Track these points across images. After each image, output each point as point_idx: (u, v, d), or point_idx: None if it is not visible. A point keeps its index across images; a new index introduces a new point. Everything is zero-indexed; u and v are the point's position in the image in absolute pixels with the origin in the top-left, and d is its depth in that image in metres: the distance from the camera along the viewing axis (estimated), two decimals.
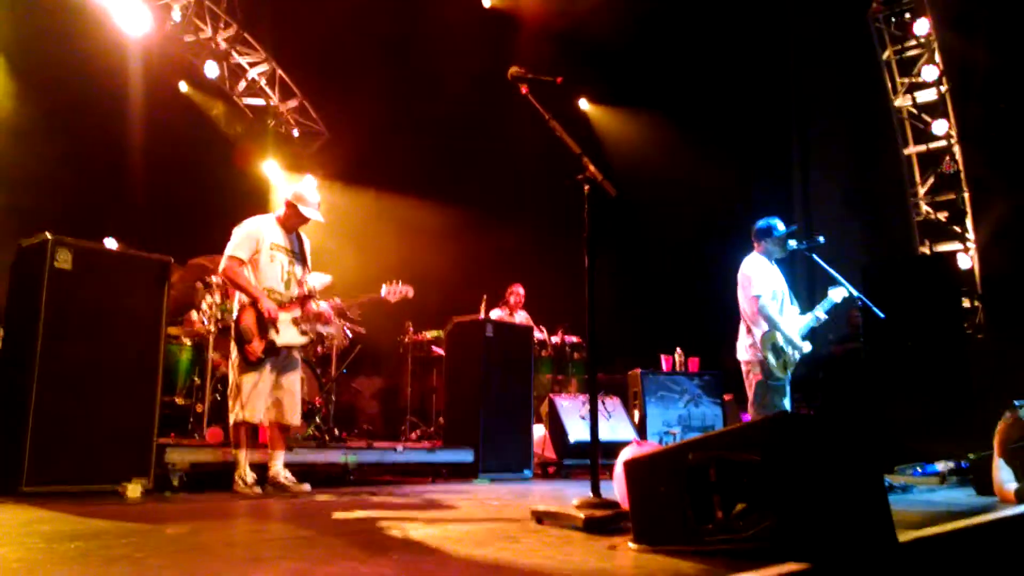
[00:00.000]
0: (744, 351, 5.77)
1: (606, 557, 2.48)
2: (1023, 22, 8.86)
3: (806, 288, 8.34)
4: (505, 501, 4.63)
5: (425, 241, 10.76)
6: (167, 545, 2.76)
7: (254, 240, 5.08)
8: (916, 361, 7.45)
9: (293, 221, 5.26)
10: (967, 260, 9.87)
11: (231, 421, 4.96)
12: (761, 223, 5.87)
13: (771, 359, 5.55)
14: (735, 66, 10.55)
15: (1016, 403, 4.59)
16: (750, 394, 5.72)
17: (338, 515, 3.83)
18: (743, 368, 5.79)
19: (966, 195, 9.93)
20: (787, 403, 5.69)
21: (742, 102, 10.58)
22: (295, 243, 5.31)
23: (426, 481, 6.45)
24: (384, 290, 5.40)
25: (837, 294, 5.81)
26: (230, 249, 5.05)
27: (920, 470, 6.44)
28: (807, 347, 5.72)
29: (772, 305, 5.63)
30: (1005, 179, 9.27)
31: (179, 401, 6.24)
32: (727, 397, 8.60)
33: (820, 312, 5.79)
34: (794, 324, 5.73)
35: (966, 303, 9.57)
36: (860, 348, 8.32)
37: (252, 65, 11.00)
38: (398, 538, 3.03)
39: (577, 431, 7.49)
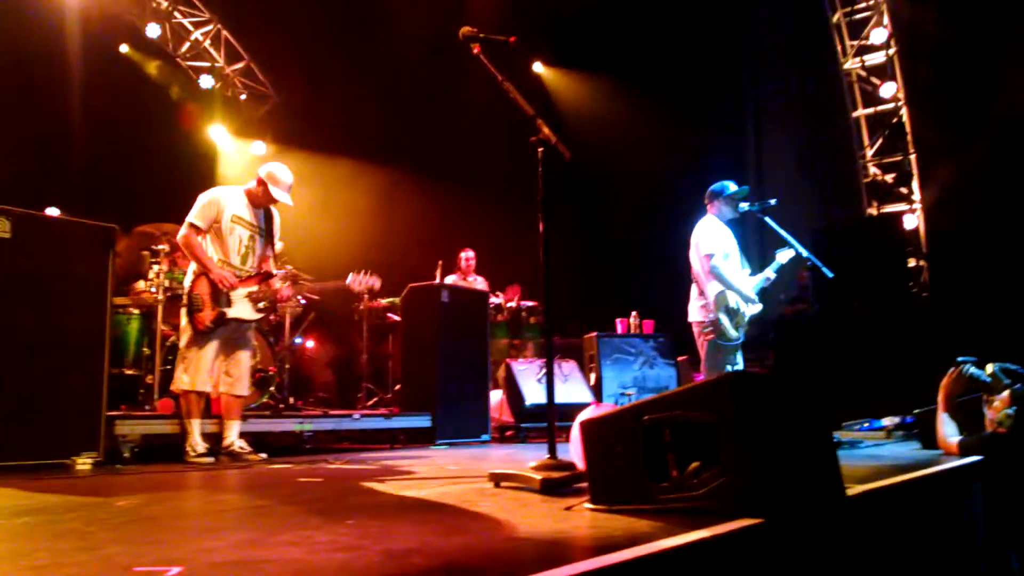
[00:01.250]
0: (696, 312, 5.83)
1: (563, 518, 2.49)
2: None
3: (757, 250, 8.45)
4: (463, 466, 4.64)
5: (378, 207, 10.64)
6: (117, 518, 2.71)
7: (214, 209, 4.99)
8: (863, 320, 7.62)
9: (262, 199, 5.18)
10: (913, 220, 10.08)
11: (173, 387, 4.95)
12: (715, 185, 5.93)
13: (724, 319, 5.62)
14: (687, 29, 10.54)
15: (959, 359, 4.71)
16: (702, 355, 5.80)
17: (294, 484, 3.80)
18: (695, 329, 5.86)
19: (912, 157, 10.11)
20: (740, 362, 5.78)
21: (695, 65, 10.59)
22: (261, 218, 5.23)
23: (384, 448, 6.45)
24: (350, 278, 5.32)
25: (784, 255, 5.91)
26: (189, 217, 4.98)
27: (867, 426, 6.61)
28: (758, 307, 5.81)
29: (724, 265, 5.69)
30: (951, 141, 9.44)
31: (128, 372, 6.12)
32: (681, 359, 8.72)
33: (770, 272, 5.89)
34: (746, 285, 5.81)
35: (912, 263, 9.79)
36: (810, 308, 8.49)
37: (196, 26, 10.67)
38: (354, 505, 3.02)
39: (534, 395, 7.53)
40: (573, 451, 3.36)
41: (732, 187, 5.88)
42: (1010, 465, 4.06)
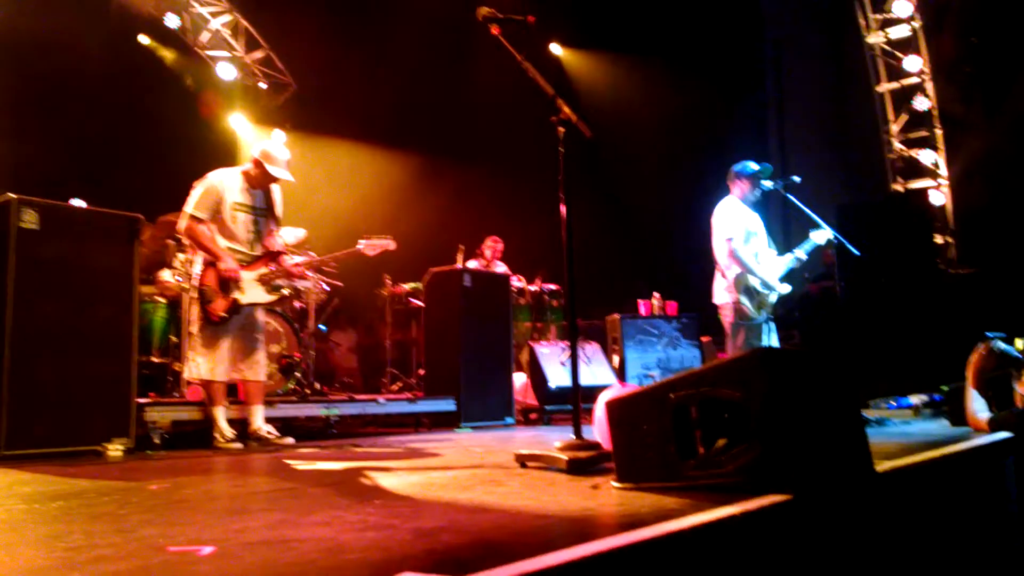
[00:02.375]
0: (719, 294, 5.81)
1: (590, 496, 2.50)
2: None
3: (781, 229, 8.38)
4: (488, 447, 4.66)
5: (399, 192, 10.65)
6: (150, 500, 2.75)
7: (213, 198, 4.94)
8: (890, 297, 7.54)
9: (261, 180, 5.13)
10: (940, 196, 9.94)
11: (185, 375, 5.01)
12: (736, 165, 5.88)
13: (745, 300, 5.59)
14: (708, 5, 10.42)
15: (988, 335, 4.66)
16: (728, 334, 5.78)
17: (321, 466, 3.83)
18: (720, 311, 5.84)
19: (938, 132, 9.96)
20: (773, 340, 5.73)
21: (716, 42, 10.48)
22: (261, 199, 5.17)
23: (409, 432, 6.48)
24: (362, 244, 5.29)
25: (820, 236, 5.81)
26: (189, 207, 4.92)
27: (895, 403, 6.56)
28: (785, 288, 5.76)
29: (744, 248, 5.65)
30: (977, 114, 9.29)
31: (156, 360, 6.18)
32: (705, 339, 8.68)
33: (801, 253, 5.82)
34: (771, 266, 5.76)
35: (939, 239, 9.67)
36: (836, 286, 8.40)
37: (214, 15, 10.70)
38: (382, 486, 3.04)
39: (557, 377, 7.53)
40: (597, 431, 3.36)
41: (753, 166, 5.82)
42: None
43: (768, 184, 5.80)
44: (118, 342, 4.61)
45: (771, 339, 5.75)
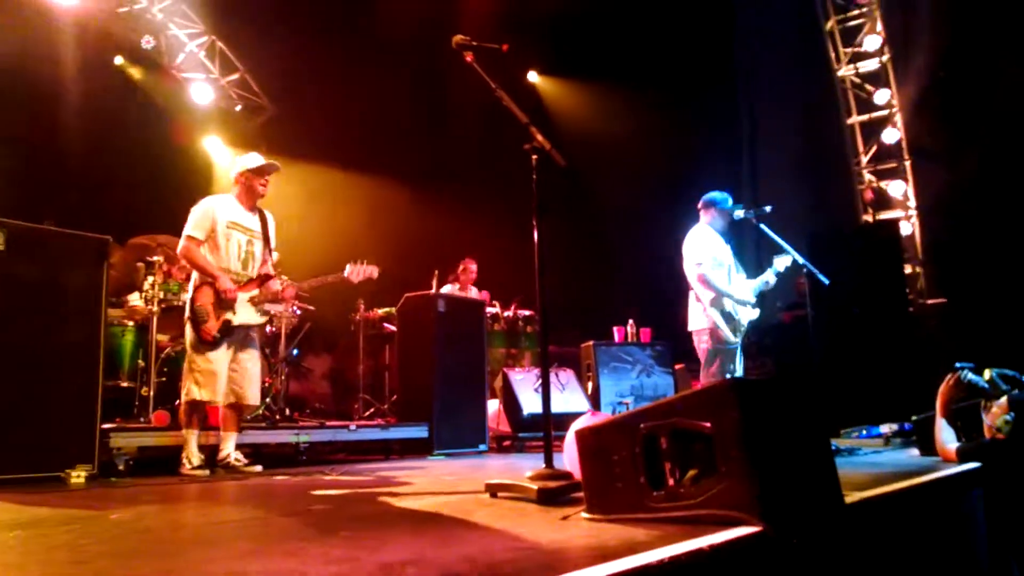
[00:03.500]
0: (694, 320, 5.84)
1: (560, 528, 2.47)
2: None
3: (754, 256, 8.43)
4: (460, 476, 4.62)
5: (375, 216, 10.62)
6: (111, 530, 2.68)
7: (209, 219, 4.99)
8: (861, 327, 7.61)
9: (249, 195, 5.17)
10: (908, 227, 10.08)
11: (182, 399, 4.86)
12: (710, 195, 5.95)
13: (722, 325, 5.64)
14: (682, 36, 10.56)
15: (957, 365, 4.70)
16: (702, 361, 5.80)
17: (289, 496, 3.77)
18: (694, 338, 5.86)
19: (907, 163, 10.12)
20: (739, 368, 5.78)
21: (690, 72, 10.61)
22: (255, 222, 5.21)
23: (380, 459, 6.41)
24: (348, 270, 5.25)
25: (781, 262, 5.90)
26: (187, 229, 4.98)
27: (865, 432, 6.60)
28: (755, 313, 5.81)
29: (715, 272, 5.70)
30: (945, 147, 9.46)
31: (123, 384, 6.09)
32: (678, 366, 8.70)
33: (770, 276, 5.88)
34: (742, 289, 5.82)
35: (908, 269, 9.79)
36: (807, 314, 8.47)
37: (191, 37, 10.66)
38: (350, 516, 2.99)
39: (531, 404, 7.50)
40: (567, 460, 3.33)
41: (724, 195, 5.91)
42: (1010, 471, 4.04)
43: (740, 213, 5.87)
44: (85, 366, 4.53)
45: (739, 365, 5.80)
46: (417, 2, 9.97)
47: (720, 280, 5.70)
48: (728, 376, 5.58)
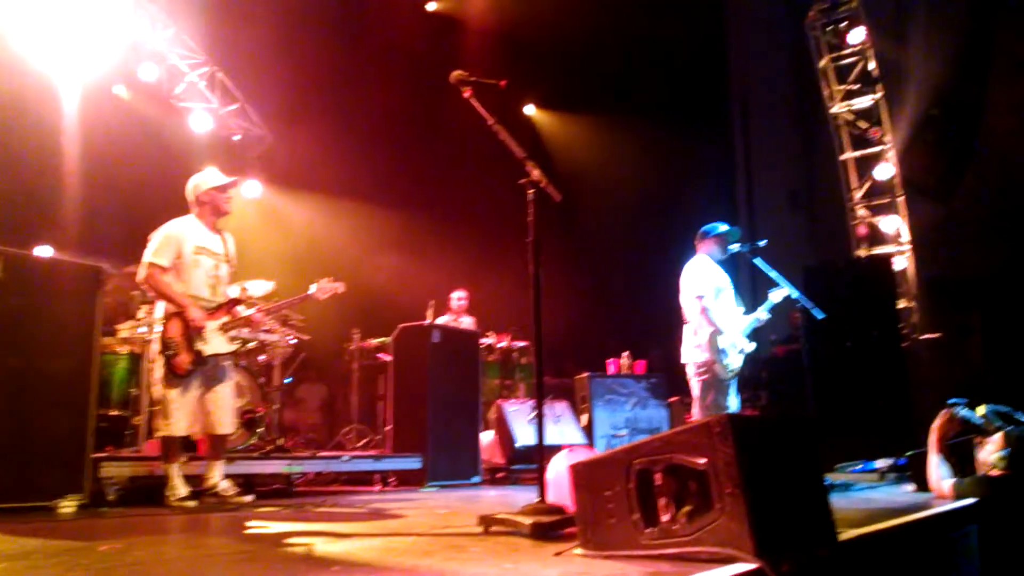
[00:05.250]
0: (689, 353, 5.82)
1: (552, 564, 2.46)
2: (954, 30, 9.15)
3: (749, 289, 8.47)
4: (453, 509, 4.58)
5: (371, 247, 10.65)
6: (99, 563, 2.66)
7: (174, 244, 4.80)
8: (855, 361, 7.62)
9: (214, 214, 5.01)
10: (903, 262, 10.14)
11: (157, 435, 4.77)
12: (705, 226, 5.98)
13: (718, 359, 5.62)
14: (680, 73, 10.69)
15: (951, 401, 4.71)
16: (696, 395, 5.78)
17: (280, 527, 3.74)
18: (689, 370, 5.85)
19: (900, 199, 10.21)
20: (733, 402, 5.76)
21: (687, 108, 10.73)
22: (219, 243, 5.04)
23: (373, 490, 6.37)
24: (313, 288, 5.21)
25: (777, 295, 5.93)
26: (148, 255, 4.77)
27: (860, 468, 6.57)
28: (751, 346, 5.82)
29: (715, 305, 5.70)
30: (938, 183, 9.55)
31: (115, 413, 6.04)
32: (673, 399, 8.68)
33: (762, 313, 5.90)
34: (739, 324, 5.82)
35: (902, 304, 9.83)
36: (801, 348, 8.48)
37: (191, 67, 10.75)
38: (342, 550, 2.97)
39: (525, 436, 7.47)
40: (553, 494, 3.30)
41: (722, 227, 5.93)
42: (1005, 507, 4.03)
43: (735, 247, 5.90)
44: (77, 395, 4.51)
45: (734, 399, 5.79)
46: (416, 36, 10.11)
47: (719, 315, 5.70)
48: (722, 410, 5.56)
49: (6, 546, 3.06)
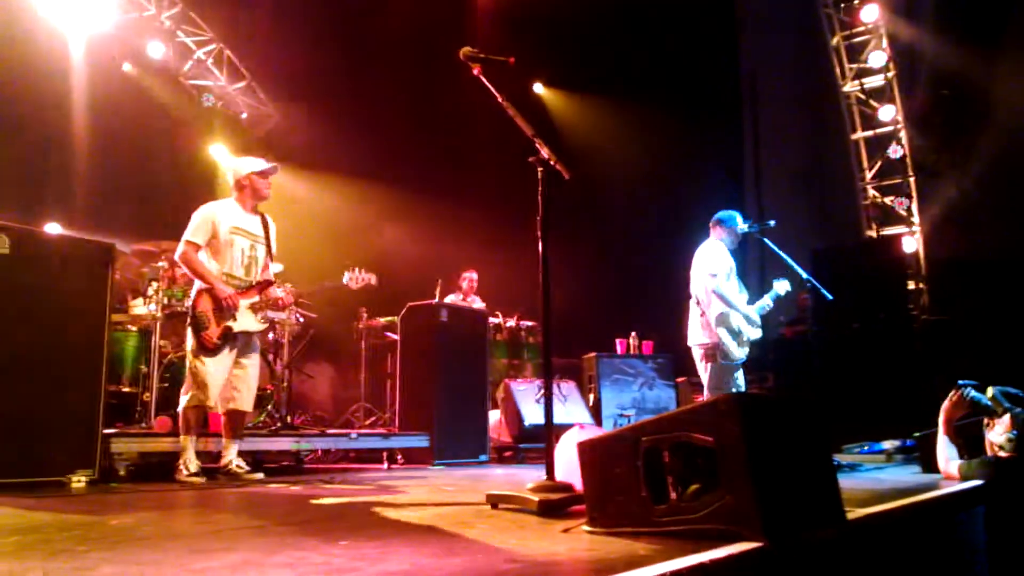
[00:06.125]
0: (697, 334, 5.82)
1: (560, 541, 2.47)
2: (967, 9, 9.04)
3: (757, 272, 8.45)
4: (460, 486, 4.61)
5: (378, 225, 10.64)
6: (110, 536, 2.68)
7: (210, 223, 4.94)
8: (863, 342, 7.60)
9: (254, 198, 5.13)
10: (912, 243, 10.08)
11: (181, 406, 4.85)
12: (722, 213, 5.96)
13: (728, 339, 5.62)
14: (689, 51, 10.61)
15: (960, 382, 4.69)
16: (705, 376, 5.78)
17: (289, 504, 3.77)
18: (695, 352, 5.85)
19: (911, 180, 10.14)
20: (741, 384, 5.77)
21: (696, 86, 10.65)
22: (258, 225, 5.18)
23: (381, 468, 6.40)
24: (346, 277, 5.28)
25: (781, 287, 5.93)
26: (187, 234, 4.93)
27: (867, 448, 6.58)
28: (759, 332, 5.82)
29: (728, 286, 5.70)
30: (949, 164, 9.47)
31: (126, 389, 6.09)
32: (680, 380, 8.69)
33: (767, 301, 5.90)
34: (744, 311, 5.82)
35: (911, 285, 9.79)
36: (809, 330, 8.47)
37: (199, 45, 10.72)
38: (350, 525, 2.99)
39: (532, 415, 7.50)
40: (561, 471, 3.32)
41: (740, 221, 5.92)
42: (1013, 489, 4.03)
43: (745, 227, 5.89)
44: (87, 371, 4.53)
45: (741, 381, 5.79)
46: (424, 13, 10.03)
47: (732, 294, 5.70)
48: (732, 390, 5.57)
49: (19, 520, 3.09)
